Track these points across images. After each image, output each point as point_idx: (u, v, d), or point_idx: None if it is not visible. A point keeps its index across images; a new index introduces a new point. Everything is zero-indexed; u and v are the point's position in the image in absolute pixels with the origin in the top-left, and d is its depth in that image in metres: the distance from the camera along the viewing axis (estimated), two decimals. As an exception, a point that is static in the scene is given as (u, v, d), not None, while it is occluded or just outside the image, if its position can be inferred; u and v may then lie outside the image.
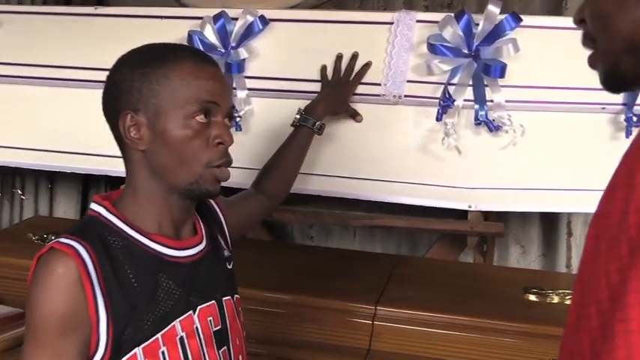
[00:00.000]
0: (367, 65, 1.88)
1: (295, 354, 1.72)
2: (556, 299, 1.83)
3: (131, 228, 1.11)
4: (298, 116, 1.70)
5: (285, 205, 2.02)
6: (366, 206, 2.15)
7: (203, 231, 1.22)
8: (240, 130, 1.98)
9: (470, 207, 1.86)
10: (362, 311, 1.76)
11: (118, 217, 1.11)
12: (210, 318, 1.17)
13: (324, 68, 1.91)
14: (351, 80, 1.88)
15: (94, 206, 1.13)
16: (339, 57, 1.91)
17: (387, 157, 1.90)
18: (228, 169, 1.14)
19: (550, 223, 2.66)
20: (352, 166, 1.90)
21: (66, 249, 1.03)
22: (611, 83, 0.81)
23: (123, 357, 1.05)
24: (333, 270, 2.02)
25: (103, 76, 1.15)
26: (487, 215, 2.22)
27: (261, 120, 1.99)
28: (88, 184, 2.96)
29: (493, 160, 1.84)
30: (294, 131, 1.69)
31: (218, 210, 1.33)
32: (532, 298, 1.84)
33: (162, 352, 1.08)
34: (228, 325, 1.20)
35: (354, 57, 1.89)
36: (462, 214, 1.96)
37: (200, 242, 1.19)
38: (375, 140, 1.89)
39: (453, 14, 1.82)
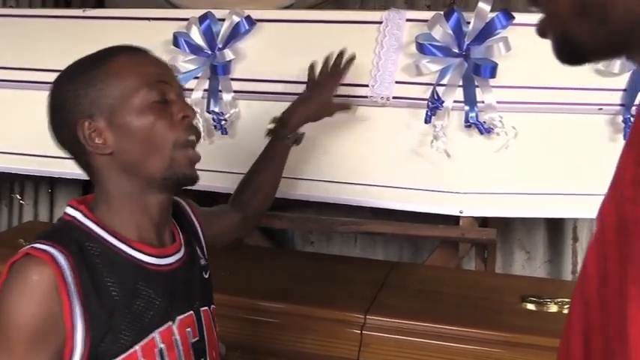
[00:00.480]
0: (350, 61, 1.72)
1: (281, 364, 1.67)
2: (554, 308, 1.76)
3: (110, 234, 1.07)
4: (271, 126, 1.61)
5: (271, 211, 1.99)
6: (355, 211, 2.09)
7: (181, 238, 1.19)
8: (227, 133, 1.93)
9: (461, 212, 1.80)
10: (351, 320, 1.71)
11: (95, 223, 1.07)
12: (189, 329, 1.13)
13: (311, 67, 1.75)
14: (331, 78, 1.71)
15: (69, 210, 1.09)
16: (328, 57, 1.78)
17: (375, 161, 1.84)
18: (197, 152, 1.12)
19: (556, 228, 2.58)
20: (339, 170, 1.84)
21: (42, 255, 0.99)
22: (564, 54, 0.67)
23: None
24: (325, 277, 1.98)
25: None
26: (487, 220, 2.15)
27: (248, 123, 1.94)
28: (88, 189, 2.93)
29: (485, 163, 1.78)
30: (269, 145, 1.60)
31: (193, 217, 1.29)
32: (529, 307, 1.78)
33: None
34: (205, 336, 1.16)
35: (341, 54, 1.73)
36: (457, 220, 1.89)
37: (179, 250, 1.16)
38: (362, 144, 1.84)
39: (442, 12, 1.75)
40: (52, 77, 1.62)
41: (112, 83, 1.07)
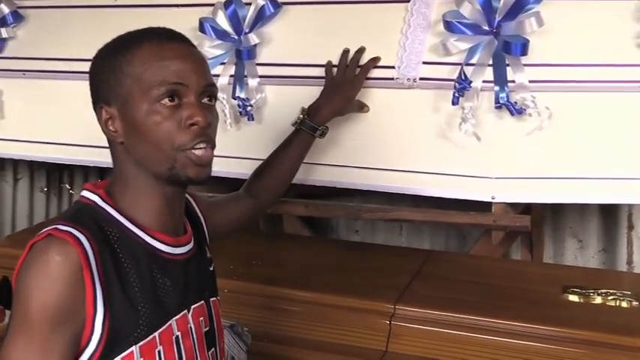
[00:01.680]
0: (374, 60, 1.75)
1: (306, 354, 1.63)
2: (598, 300, 1.67)
3: (127, 220, 1.07)
4: (301, 117, 1.65)
5: (298, 198, 1.95)
6: (386, 198, 2.03)
7: (191, 230, 1.19)
8: (253, 119, 1.90)
9: (493, 198, 1.71)
10: (380, 310, 1.66)
11: (113, 208, 1.07)
12: (201, 318, 1.14)
13: (329, 64, 1.79)
14: (356, 76, 1.75)
15: (87, 194, 1.08)
16: (345, 52, 1.79)
17: (402, 146, 1.77)
18: (209, 150, 1.07)
19: (609, 214, 2.45)
20: (365, 156, 1.78)
21: (66, 236, 0.98)
22: None
23: (118, 355, 1.00)
24: (358, 266, 1.93)
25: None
26: (530, 207, 2.06)
27: (275, 109, 1.91)
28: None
29: (517, 146, 1.68)
30: (294, 134, 1.63)
31: (198, 212, 1.29)
32: (571, 298, 1.69)
33: (159, 352, 1.04)
34: (215, 326, 1.18)
35: (360, 51, 1.77)
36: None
37: (190, 241, 1.16)
38: (388, 128, 1.78)
39: (471, -12, 1.67)
40: (84, 66, 1.64)
41: (129, 74, 1.05)
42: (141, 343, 1.02)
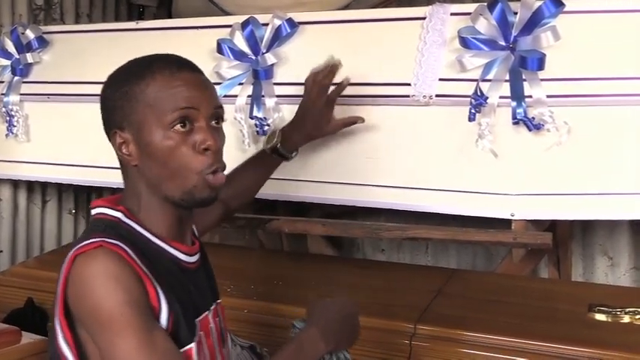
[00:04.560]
0: (343, 83, 1.68)
1: (325, 374, 1.62)
2: (626, 319, 1.63)
3: (151, 234, 1.13)
4: (274, 143, 1.63)
5: (315, 217, 1.94)
6: (412, 216, 2.01)
7: (197, 240, 1.26)
8: (271, 139, 1.90)
9: (512, 215, 1.68)
10: (400, 329, 1.64)
11: (136, 223, 1.13)
12: (217, 319, 1.23)
13: (310, 74, 1.69)
14: (327, 101, 1.67)
15: (107, 211, 1.13)
16: (325, 63, 1.69)
17: (419, 164, 1.75)
18: (222, 174, 1.14)
19: (640, 231, 2.40)
20: (381, 174, 1.77)
21: (116, 248, 1.03)
22: None
23: (181, 348, 1.07)
24: (380, 285, 1.93)
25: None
26: (556, 223, 2.02)
27: (292, 128, 1.90)
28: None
29: (536, 162, 1.65)
30: (263, 154, 1.65)
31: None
32: (598, 317, 1.65)
33: (202, 350, 1.13)
34: (223, 326, 1.26)
35: (332, 71, 1.67)
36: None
37: (198, 250, 1.24)
38: (405, 146, 1.76)
39: (485, 4, 1.65)
40: None
41: (142, 101, 1.10)
42: (196, 341, 1.10)
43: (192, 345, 1.09)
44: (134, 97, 1.11)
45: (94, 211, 1.15)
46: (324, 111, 1.68)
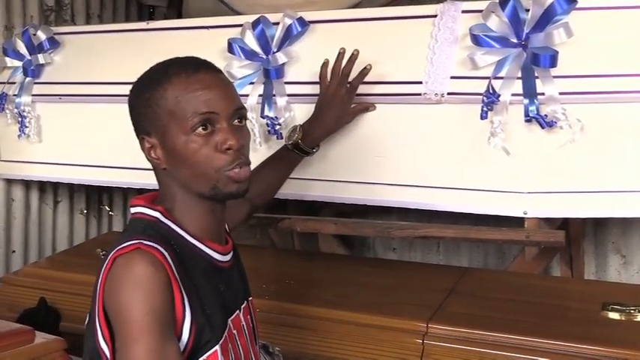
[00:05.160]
0: (364, 71, 1.72)
1: (337, 374, 1.62)
2: (640, 317, 1.61)
3: (187, 233, 1.17)
4: (294, 138, 1.69)
5: (328, 216, 1.94)
6: (424, 214, 2.00)
7: (230, 239, 1.30)
8: (282, 138, 1.89)
9: (525, 214, 1.67)
10: (412, 328, 1.64)
11: (173, 222, 1.16)
12: (249, 317, 1.28)
13: (323, 67, 1.76)
14: (347, 92, 1.73)
15: (146, 211, 1.17)
16: (340, 54, 1.74)
17: (430, 162, 1.75)
18: (246, 168, 1.17)
19: (654, 229, 2.39)
20: (392, 172, 1.76)
21: (152, 250, 1.06)
22: None
23: (203, 354, 1.10)
24: (392, 284, 1.93)
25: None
26: (568, 221, 2.01)
27: (304, 127, 1.89)
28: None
29: (548, 160, 1.64)
30: (286, 151, 1.70)
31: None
32: (612, 315, 1.64)
33: (230, 349, 1.16)
34: (255, 323, 1.31)
35: (351, 60, 1.72)
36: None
37: (232, 249, 1.28)
38: (416, 144, 1.75)
39: (497, 1, 1.64)
40: (119, 90, 1.70)
41: (164, 107, 1.14)
42: (221, 342, 1.12)
43: (217, 348, 1.11)
44: (155, 103, 1.14)
45: (133, 210, 1.19)
46: (345, 101, 1.73)
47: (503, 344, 1.55)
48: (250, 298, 1.31)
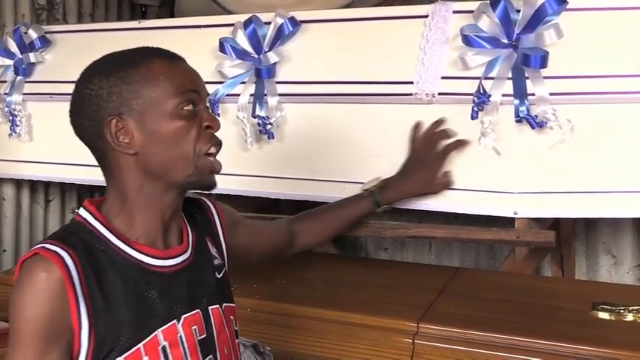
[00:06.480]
0: (459, 143, 1.69)
1: (327, 374, 1.62)
2: (630, 317, 1.62)
3: (115, 236, 1.11)
4: (373, 187, 1.68)
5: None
6: (416, 215, 2.01)
7: (190, 239, 1.22)
8: (273, 138, 1.90)
9: (515, 214, 1.67)
10: (402, 328, 1.64)
11: (102, 224, 1.12)
12: (195, 327, 1.16)
13: (415, 129, 1.73)
14: (437, 157, 1.70)
15: (81, 212, 1.14)
16: (437, 123, 1.72)
17: (422, 162, 1.74)
18: (217, 160, 1.15)
19: (644, 229, 2.39)
20: (385, 173, 1.75)
21: (50, 255, 1.04)
22: None
23: None
24: (383, 283, 1.92)
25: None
26: (559, 222, 2.01)
27: (295, 127, 1.90)
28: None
29: (539, 161, 1.65)
30: (359, 197, 1.68)
31: (216, 217, 1.33)
32: (601, 315, 1.64)
33: None
34: (214, 333, 1.19)
35: (437, 123, 1.71)
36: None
37: (185, 251, 1.19)
38: (407, 144, 1.75)
39: (488, 1, 1.65)
40: None
41: (147, 86, 1.10)
42: (126, 354, 1.06)
43: (119, 359, 1.06)
44: (135, 81, 1.09)
45: None
46: (434, 166, 1.69)
47: (493, 344, 1.55)
48: (213, 307, 1.21)
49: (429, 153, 1.69)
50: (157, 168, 1.12)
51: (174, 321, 1.13)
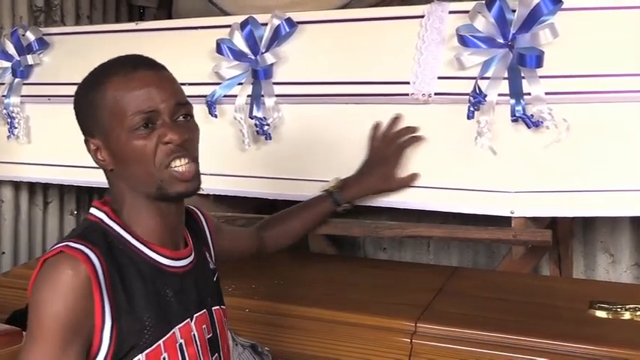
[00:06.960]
0: (416, 138, 1.73)
1: (326, 373, 1.62)
2: (627, 315, 1.63)
3: (131, 236, 1.14)
4: (331, 188, 1.71)
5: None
6: (414, 215, 2.01)
7: (191, 243, 1.26)
8: (270, 138, 1.90)
9: (512, 213, 1.68)
10: (400, 328, 1.64)
11: (118, 225, 1.14)
12: (204, 326, 1.21)
13: (374, 129, 1.77)
14: (394, 152, 1.73)
15: (94, 212, 1.16)
16: (394, 120, 1.76)
17: (418, 162, 1.74)
18: (191, 164, 1.14)
19: (641, 228, 2.40)
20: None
21: (76, 253, 1.05)
22: None
23: None
24: (381, 283, 1.93)
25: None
26: (557, 220, 2.01)
27: (292, 127, 1.91)
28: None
29: (535, 160, 1.65)
30: (318, 200, 1.70)
31: (205, 225, 1.37)
32: (599, 314, 1.65)
33: (164, 358, 1.11)
34: (218, 333, 1.24)
35: (395, 120, 1.75)
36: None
37: (190, 254, 1.23)
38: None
39: (484, 1, 1.65)
40: None
41: (105, 107, 1.12)
42: (147, 351, 1.09)
43: (140, 356, 1.08)
44: (96, 104, 1.12)
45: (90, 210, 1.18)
46: (391, 161, 1.72)
47: (492, 343, 1.55)
48: (215, 308, 1.26)
49: (387, 150, 1.72)
50: (130, 182, 1.15)
51: (189, 319, 1.17)
